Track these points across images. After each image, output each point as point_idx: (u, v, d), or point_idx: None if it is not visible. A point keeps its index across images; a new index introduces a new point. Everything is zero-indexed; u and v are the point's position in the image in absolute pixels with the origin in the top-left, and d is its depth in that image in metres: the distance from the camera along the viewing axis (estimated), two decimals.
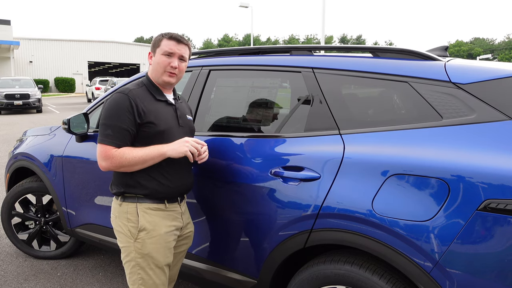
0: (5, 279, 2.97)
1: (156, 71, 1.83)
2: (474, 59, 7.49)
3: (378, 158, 1.60)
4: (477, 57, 51.50)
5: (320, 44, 24.63)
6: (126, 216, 1.79)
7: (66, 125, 2.60)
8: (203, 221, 2.15)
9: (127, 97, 1.73)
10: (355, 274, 1.62)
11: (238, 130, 2.13)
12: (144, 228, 1.78)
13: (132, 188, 1.79)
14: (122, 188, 1.81)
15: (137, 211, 1.79)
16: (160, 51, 1.82)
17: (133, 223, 1.78)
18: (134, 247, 1.78)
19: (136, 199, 1.80)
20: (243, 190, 1.95)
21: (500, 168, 1.35)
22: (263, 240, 1.90)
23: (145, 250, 1.77)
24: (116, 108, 1.72)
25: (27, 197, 3.25)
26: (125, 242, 1.80)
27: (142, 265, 1.78)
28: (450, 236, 1.41)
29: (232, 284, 2.08)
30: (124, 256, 1.82)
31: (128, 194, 1.81)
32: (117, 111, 1.71)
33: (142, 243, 1.77)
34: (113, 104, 1.73)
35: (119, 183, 1.82)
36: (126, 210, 1.80)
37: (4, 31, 30.81)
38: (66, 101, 25.34)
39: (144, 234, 1.77)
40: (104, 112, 1.75)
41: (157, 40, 1.84)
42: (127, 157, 1.69)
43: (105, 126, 1.72)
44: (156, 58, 1.83)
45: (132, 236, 1.78)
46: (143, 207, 1.79)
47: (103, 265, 3.22)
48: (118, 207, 1.83)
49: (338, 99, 1.83)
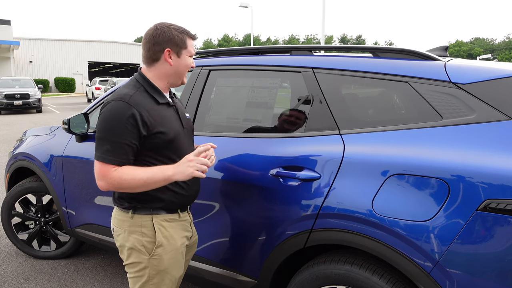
0: (5, 279, 2.97)
1: (179, 73, 1.65)
2: (474, 59, 7.49)
3: (378, 158, 1.60)
4: (477, 57, 51.50)
5: (320, 44, 24.64)
6: (141, 230, 1.59)
7: (66, 125, 2.60)
8: (203, 221, 2.15)
9: (128, 106, 1.49)
10: (355, 274, 1.62)
11: (238, 130, 2.13)
12: (161, 243, 1.61)
13: (144, 202, 1.61)
14: (133, 202, 1.61)
15: (153, 225, 1.61)
16: (186, 53, 1.63)
17: (149, 238, 1.60)
18: (149, 264, 1.60)
19: (151, 211, 1.61)
20: (243, 190, 1.95)
21: (500, 168, 1.35)
22: (263, 240, 1.90)
23: (162, 266, 1.62)
24: (116, 119, 1.47)
25: (27, 197, 3.25)
26: (137, 258, 1.60)
27: (155, 281, 1.62)
28: (450, 236, 1.41)
29: (232, 284, 2.08)
30: (134, 272, 1.63)
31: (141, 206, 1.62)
32: (117, 123, 1.47)
33: (159, 260, 1.60)
34: (112, 115, 1.48)
35: (129, 197, 1.61)
36: (140, 224, 1.60)
37: (4, 31, 30.81)
38: (66, 101, 25.34)
39: (161, 250, 1.61)
40: (101, 124, 1.50)
41: (181, 39, 1.61)
42: (126, 178, 1.47)
43: (103, 141, 1.49)
44: (183, 60, 1.63)
45: (147, 252, 1.59)
46: (159, 219, 1.62)
47: (103, 265, 3.22)
48: (129, 220, 1.61)
49: (338, 99, 1.83)
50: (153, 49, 1.60)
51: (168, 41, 1.59)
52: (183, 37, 1.62)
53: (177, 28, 1.63)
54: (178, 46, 1.61)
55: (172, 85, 1.71)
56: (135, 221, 1.61)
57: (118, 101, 1.50)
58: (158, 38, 1.59)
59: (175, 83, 1.69)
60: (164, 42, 1.59)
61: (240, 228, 2.00)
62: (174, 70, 1.64)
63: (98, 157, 1.50)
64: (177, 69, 1.64)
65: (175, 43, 1.60)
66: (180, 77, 1.67)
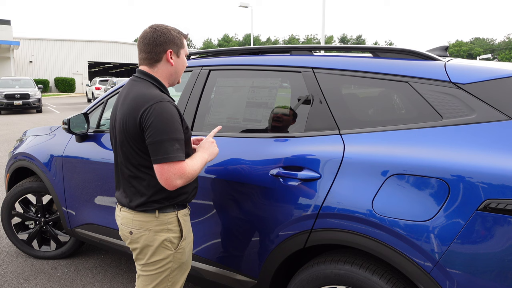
0: (5, 279, 2.97)
1: (179, 72, 1.74)
2: (474, 59, 7.49)
3: (378, 158, 1.60)
4: (477, 57, 51.49)
5: (320, 44, 24.63)
6: (167, 227, 1.65)
7: (66, 125, 2.61)
8: (203, 221, 2.15)
9: (174, 106, 1.58)
10: (355, 274, 1.62)
11: (238, 130, 2.13)
12: (185, 236, 1.71)
13: (172, 199, 1.67)
14: (165, 202, 1.65)
15: (178, 220, 1.68)
16: (184, 53, 1.72)
17: (175, 233, 1.67)
18: (174, 258, 1.67)
19: (175, 207, 1.68)
20: (243, 190, 1.95)
21: (500, 168, 1.35)
22: (263, 240, 1.90)
23: (184, 258, 1.71)
24: (174, 119, 1.55)
25: (27, 197, 3.25)
26: (160, 255, 1.65)
27: (174, 274, 1.70)
28: (450, 236, 1.41)
29: (232, 284, 2.08)
30: (155, 268, 1.66)
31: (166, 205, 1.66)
32: (174, 122, 1.55)
33: (182, 252, 1.69)
34: (169, 116, 1.54)
35: (160, 198, 1.64)
36: (166, 221, 1.65)
37: (4, 31, 30.82)
38: (66, 101, 25.34)
39: (184, 243, 1.70)
40: (162, 126, 1.52)
41: (179, 39, 1.70)
42: (193, 168, 1.58)
43: (171, 141, 1.52)
44: (181, 60, 1.72)
45: (173, 247, 1.66)
46: (182, 214, 1.70)
47: (103, 265, 3.22)
48: (154, 220, 1.64)
49: (338, 99, 1.83)
50: (154, 51, 1.64)
51: (169, 42, 1.65)
52: (180, 37, 1.71)
53: (174, 29, 1.70)
54: (178, 46, 1.69)
55: (171, 84, 1.76)
56: (161, 219, 1.65)
57: (166, 103, 1.55)
58: (160, 39, 1.64)
59: (174, 82, 1.76)
60: (166, 43, 1.65)
61: (240, 228, 2.00)
62: (174, 69, 1.71)
63: (174, 157, 1.52)
64: (177, 68, 1.72)
65: (175, 43, 1.67)
66: (178, 76, 1.76)
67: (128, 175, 1.65)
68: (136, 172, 1.63)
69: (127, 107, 1.59)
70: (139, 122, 1.54)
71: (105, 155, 2.59)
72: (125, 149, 1.63)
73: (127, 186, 1.67)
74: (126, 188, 1.68)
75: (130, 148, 1.60)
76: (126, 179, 1.67)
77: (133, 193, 1.66)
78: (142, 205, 1.64)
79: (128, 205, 1.68)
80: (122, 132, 1.62)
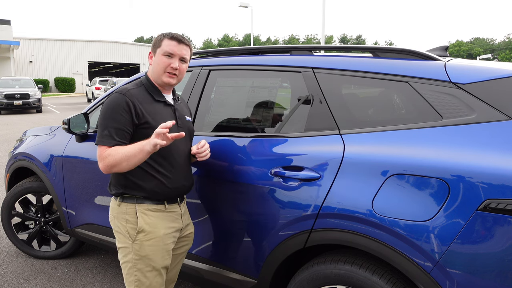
0: (5, 279, 2.97)
1: (156, 72, 1.81)
2: (474, 59, 7.49)
3: (378, 158, 1.60)
4: (477, 57, 51.49)
5: (320, 44, 24.62)
6: (125, 217, 1.78)
7: (66, 125, 2.60)
8: (203, 221, 2.15)
9: (124, 97, 1.71)
10: (355, 274, 1.62)
11: (238, 130, 2.13)
12: (142, 229, 1.76)
13: (130, 190, 1.78)
14: (121, 189, 1.80)
15: (136, 212, 1.78)
16: (160, 51, 1.79)
17: (132, 224, 1.77)
18: (132, 249, 1.77)
19: (135, 200, 1.79)
20: (243, 190, 1.95)
21: (500, 168, 1.35)
22: (263, 240, 1.90)
23: (143, 252, 1.76)
24: (113, 108, 1.70)
25: (27, 197, 3.25)
26: (123, 243, 1.79)
27: (139, 266, 1.77)
28: (450, 236, 1.41)
29: (232, 284, 2.08)
30: (122, 257, 1.81)
31: (127, 195, 1.80)
32: (114, 111, 1.69)
33: (140, 245, 1.76)
34: (110, 104, 1.71)
35: (117, 184, 1.81)
36: (125, 211, 1.79)
37: (4, 31, 30.81)
38: (66, 101, 25.34)
39: (142, 236, 1.76)
40: (101, 113, 1.73)
41: (158, 39, 1.82)
42: (113, 154, 1.65)
43: (102, 127, 1.70)
44: (156, 59, 1.81)
45: (130, 237, 1.77)
46: (143, 208, 1.78)
47: (103, 265, 3.22)
48: (116, 208, 1.82)
49: (338, 99, 1.83)
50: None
51: (152, 46, 1.86)
52: (160, 38, 1.82)
53: (166, 33, 1.83)
54: (155, 46, 1.83)
55: (160, 84, 1.85)
56: (121, 208, 1.80)
57: (117, 94, 1.74)
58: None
59: (157, 81, 1.84)
60: (151, 47, 1.86)
61: (240, 228, 2.00)
62: (152, 68, 1.84)
63: (98, 141, 1.70)
64: (154, 67, 1.83)
65: (153, 45, 1.85)
66: (157, 74, 1.82)
67: None
68: None
69: None
70: None
71: None
72: None
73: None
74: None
75: None
76: None
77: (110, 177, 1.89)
78: (109, 187, 1.88)
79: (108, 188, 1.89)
80: None
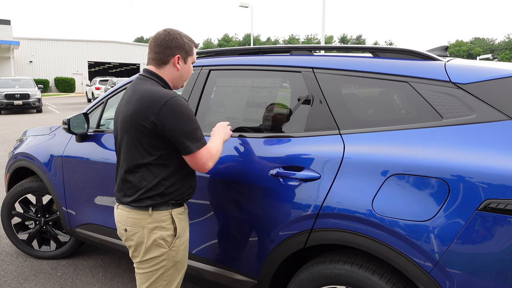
0: (5, 279, 2.97)
1: (184, 78, 1.80)
2: (474, 59, 7.49)
3: (378, 158, 1.60)
4: (477, 57, 51.48)
5: (320, 44, 24.62)
6: (161, 224, 1.67)
7: (66, 125, 2.61)
8: (203, 221, 2.15)
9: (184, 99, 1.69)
10: (355, 274, 1.62)
11: (238, 130, 2.13)
12: (179, 235, 1.72)
13: (166, 196, 1.68)
14: (158, 198, 1.67)
15: (172, 218, 1.70)
16: (191, 60, 1.79)
17: (169, 231, 1.69)
18: (168, 256, 1.69)
19: (169, 206, 1.70)
20: (242, 190, 1.95)
21: (500, 168, 1.35)
22: (263, 240, 1.90)
23: (178, 257, 1.73)
24: (188, 111, 1.63)
25: (27, 197, 3.25)
26: (156, 253, 1.68)
27: (170, 272, 1.71)
28: (450, 236, 1.41)
29: (232, 284, 2.08)
30: (149, 266, 1.69)
31: (161, 202, 1.68)
32: (191, 113, 1.64)
33: (176, 251, 1.71)
34: (183, 108, 1.61)
35: (154, 194, 1.66)
36: (159, 219, 1.67)
37: (4, 31, 30.81)
38: (66, 101, 25.34)
39: (178, 241, 1.72)
40: (185, 118, 1.61)
41: (190, 47, 1.76)
42: (214, 152, 1.69)
43: (195, 130, 1.63)
44: (187, 66, 1.78)
45: (166, 245, 1.68)
46: (176, 212, 1.72)
47: (103, 265, 3.22)
48: (147, 218, 1.67)
49: (338, 99, 1.83)
50: (164, 53, 1.71)
51: (179, 47, 1.72)
52: (191, 45, 1.77)
53: (186, 36, 1.76)
54: (187, 53, 1.75)
55: (175, 88, 1.81)
56: (155, 217, 1.67)
57: (177, 97, 1.62)
58: (171, 43, 1.71)
59: (177, 86, 1.82)
60: (176, 48, 1.72)
61: (240, 228, 2.00)
62: (180, 74, 1.77)
63: (202, 144, 1.65)
64: (182, 74, 1.78)
65: (184, 50, 1.74)
66: (183, 81, 1.82)
67: (125, 170, 1.69)
68: (133, 168, 1.67)
69: (136, 104, 1.62)
70: (156, 118, 1.58)
71: (105, 155, 2.59)
72: (129, 145, 1.66)
73: (124, 182, 1.71)
74: (122, 183, 1.72)
75: (135, 144, 1.64)
76: (123, 174, 1.71)
77: (128, 188, 1.69)
78: (136, 201, 1.67)
79: (123, 200, 1.71)
80: (127, 129, 1.65)
